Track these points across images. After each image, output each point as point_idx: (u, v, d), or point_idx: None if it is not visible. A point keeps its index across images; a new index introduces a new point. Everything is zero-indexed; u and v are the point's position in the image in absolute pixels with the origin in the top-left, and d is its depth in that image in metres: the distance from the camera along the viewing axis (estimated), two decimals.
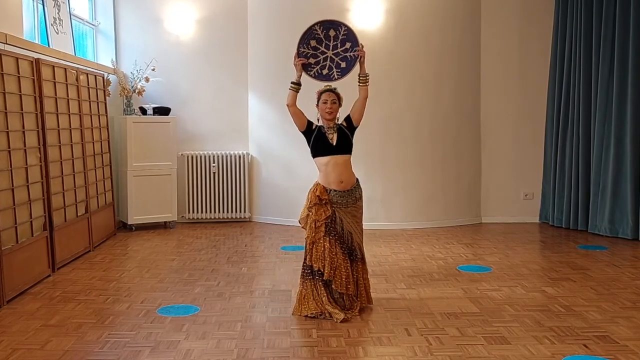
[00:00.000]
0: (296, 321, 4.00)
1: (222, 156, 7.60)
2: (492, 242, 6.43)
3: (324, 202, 4.07)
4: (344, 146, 4.15)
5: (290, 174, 7.29)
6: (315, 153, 4.18)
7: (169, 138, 7.19)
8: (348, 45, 4.27)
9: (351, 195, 4.15)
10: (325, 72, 4.30)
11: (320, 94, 4.20)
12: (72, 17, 6.48)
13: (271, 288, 4.76)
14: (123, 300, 4.45)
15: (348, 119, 4.24)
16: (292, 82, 4.20)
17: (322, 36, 4.26)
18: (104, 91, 6.76)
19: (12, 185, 4.58)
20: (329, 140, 4.12)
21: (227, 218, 7.69)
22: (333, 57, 4.28)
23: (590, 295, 4.52)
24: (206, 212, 7.62)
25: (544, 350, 3.46)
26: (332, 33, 4.27)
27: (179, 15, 7.52)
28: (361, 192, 4.27)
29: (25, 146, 4.83)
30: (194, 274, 5.17)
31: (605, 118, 6.66)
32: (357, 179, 4.26)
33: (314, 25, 4.26)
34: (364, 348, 3.55)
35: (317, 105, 4.22)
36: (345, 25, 4.30)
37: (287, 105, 4.20)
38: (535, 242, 6.51)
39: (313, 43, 4.27)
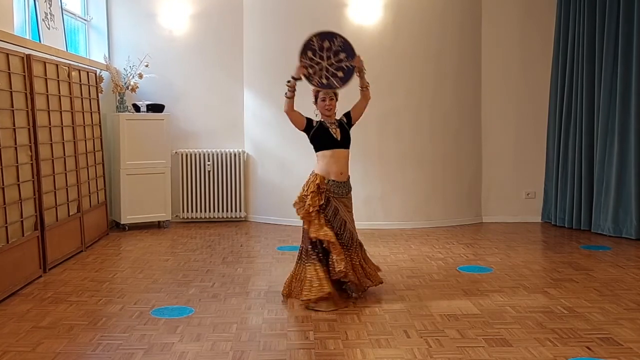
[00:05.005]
0: (293, 323, 3.96)
1: (217, 154, 7.51)
2: (493, 242, 6.37)
3: (321, 191, 4.30)
4: (347, 141, 4.43)
5: (286, 173, 7.20)
6: (320, 147, 4.39)
7: (162, 136, 7.11)
8: (342, 55, 4.42)
9: (346, 186, 4.42)
10: (325, 81, 4.42)
11: (317, 91, 4.44)
12: (63, 12, 6.40)
13: (267, 289, 4.70)
14: (116, 301, 4.40)
15: (348, 115, 4.51)
16: (287, 85, 4.31)
17: (316, 47, 4.40)
18: (97, 88, 6.67)
19: (3, 184, 4.52)
20: (333, 135, 4.37)
21: (222, 217, 7.60)
22: (328, 67, 4.41)
23: (594, 296, 4.47)
24: (201, 211, 7.53)
25: (546, 353, 3.41)
26: (326, 44, 4.41)
27: (173, 10, 7.44)
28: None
29: (16, 144, 4.76)
30: (189, 275, 5.10)
31: (608, 115, 6.60)
32: None
33: (311, 37, 4.40)
34: (362, 350, 3.50)
35: (315, 103, 4.46)
36: (340, 37, 4.43)
37: (285, 112, 4.38)
38: (537, 242, 6.45)
39: (310, 54, 4.39)
